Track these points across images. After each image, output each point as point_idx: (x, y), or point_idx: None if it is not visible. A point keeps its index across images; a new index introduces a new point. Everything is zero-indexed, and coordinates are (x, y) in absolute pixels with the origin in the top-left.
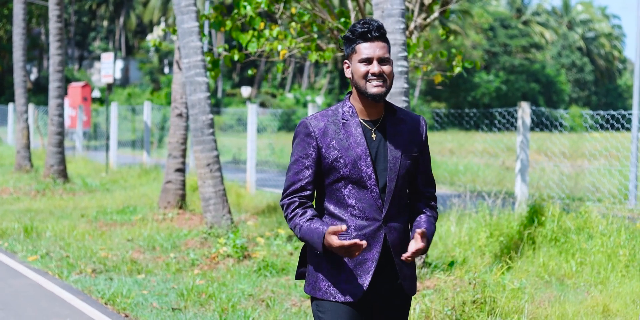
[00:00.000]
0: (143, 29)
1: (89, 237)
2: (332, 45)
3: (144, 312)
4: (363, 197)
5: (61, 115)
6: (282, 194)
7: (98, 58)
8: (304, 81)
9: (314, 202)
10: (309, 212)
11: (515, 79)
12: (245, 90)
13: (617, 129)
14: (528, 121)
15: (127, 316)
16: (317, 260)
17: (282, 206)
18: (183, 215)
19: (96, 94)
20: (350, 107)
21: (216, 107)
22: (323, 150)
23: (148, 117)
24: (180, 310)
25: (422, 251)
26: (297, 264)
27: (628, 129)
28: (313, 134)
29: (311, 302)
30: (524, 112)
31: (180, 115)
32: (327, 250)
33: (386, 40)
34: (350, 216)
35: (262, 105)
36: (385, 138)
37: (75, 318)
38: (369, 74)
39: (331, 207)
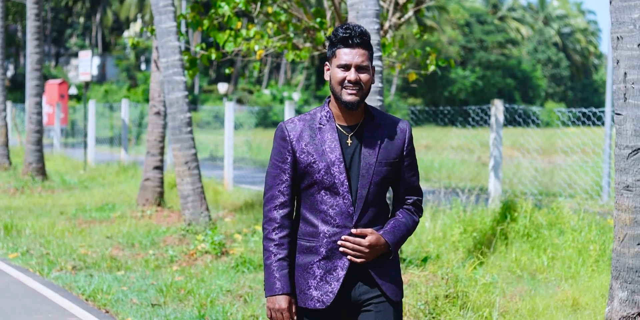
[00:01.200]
0: (120, 26)
1: (69, 235)
2: (308, 45)
3: (124, 308)
4: (335, 204)
5: (39, 113)
6: (263, 196)
7: (75, 55)
8: (281, 77)
9: (292, 209)
10: (282, 248)
11: (491, 74)
12: (222, 87)
13: (590, 124)
14: (501, 119)
15: (107, 312)
16: (292, 266)
17: (264, 216)
18: (161, 212)
19: (73, 91)
20: (328, 111)
21: (193, 103)
22: (297, 155)
23: (126, 114)
24: (159, 305)
25: (370, 248)
26: None
27: (603, 124)
28: (288, 138)
29: None
30: (497, 109)
31: (158, 113)
32: (270, 296)
33: (368, 48)
34: (322, 222)
35: (239, 101)
36: (361, 144)
37: (57, 314)
38: (346, 81)
39: (305, 212)
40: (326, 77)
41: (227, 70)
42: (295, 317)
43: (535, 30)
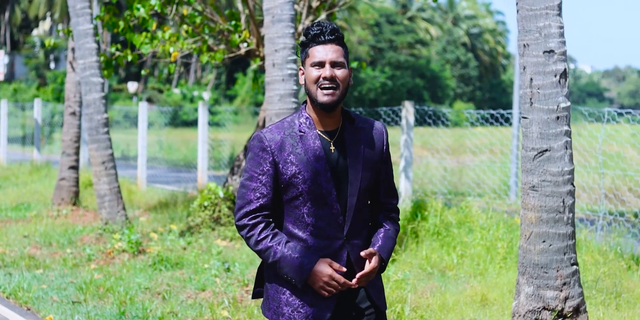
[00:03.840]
0: (28, 24)
1: None
2: (222, 47)
3: (45, 305)
4: (323, 215)
5: None
6: (237, 212)
7: None
8: (191, 77)
9: (275, 223)
10: (280, 236)
11: (400, 74)
12: (132, 86)
13: (499, 125)
14: (412, 120)
15: (29, 309)
16: (277, 282)
17: (242, 226)
18: (77, 211)
19: None
20: (307, 118)
21: None
22: (280, 166)
23: (38, 114)
24: (80, 303)
25: (374, 272)
26: (253, 280)
27: (510, 125)
28: (269, 148)
29: None
30: (408, 111)
31: (73, 113)
32: (305, 283)
33: (342, 44)
34: (309, 235)
35: (149, 100)
36: (344, 150)
37: None
38: (321, 79)
39: (290, 226)
40: (301, 81)
41: (142, 72)
42: (344, 269)
43: (444, 31)
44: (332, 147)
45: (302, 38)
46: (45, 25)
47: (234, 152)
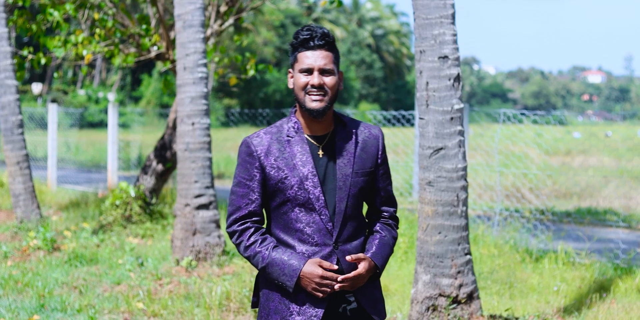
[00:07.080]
0: None
1: None
2: (134, 50)
3: None
4: (312, 221)
5: None
6: (228, 219)
7: None
8: (96, 78)
9: (265, 229)
10: (269, 240)
11: None
12: (36, 87)
13: (403, 124)
14: None
15: None
16: (267, 290)
17: (232, 233)
18: None
19: None
20: (295, 122)
21: None
22: (267, 171)
23: None
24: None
25: (361, 278)
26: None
27: (413, 125)
28: (255, 153)
29: None
30: None
31: None
32: (297, 286)
33: (332, 50)
34: (298, 242)
35: (54, 102)
36: (334, 155)
37: None
38: (309, 86)
39: (278, 232)
40: (290, 84)
41: (55, 74)
42: (335, 267)
43: (349, 32)
44: (321, 152)
45: (292, 41)
46: None
47: (142, 152)
